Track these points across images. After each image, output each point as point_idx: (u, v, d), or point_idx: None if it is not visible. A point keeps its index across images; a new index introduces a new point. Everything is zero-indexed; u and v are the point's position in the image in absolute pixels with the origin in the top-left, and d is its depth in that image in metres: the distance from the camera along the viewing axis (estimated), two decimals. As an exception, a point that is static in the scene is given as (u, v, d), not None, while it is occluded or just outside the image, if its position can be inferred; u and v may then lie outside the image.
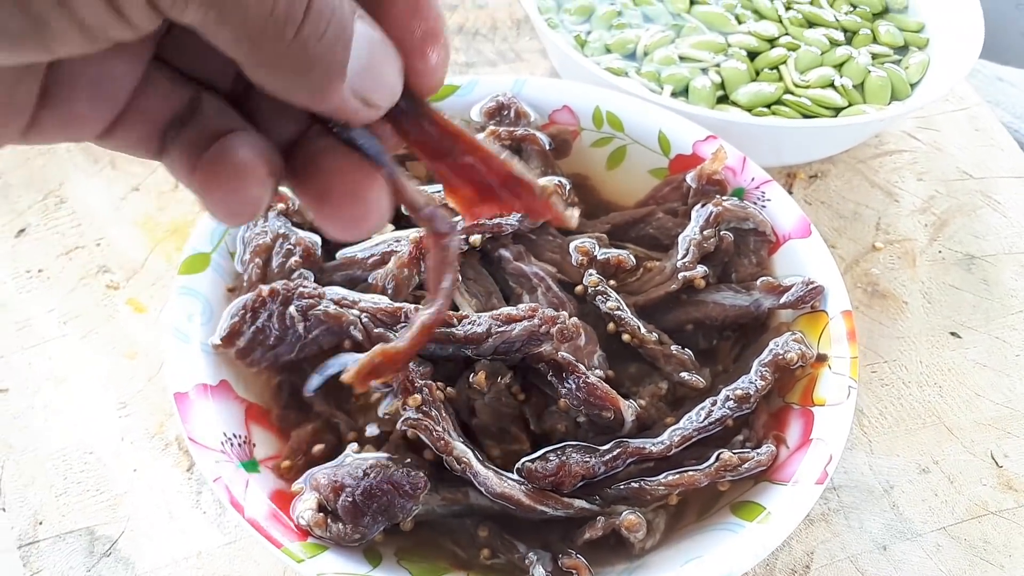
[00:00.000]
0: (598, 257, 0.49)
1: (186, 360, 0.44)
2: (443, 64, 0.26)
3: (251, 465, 0.41)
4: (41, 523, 0.49)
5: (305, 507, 0.38)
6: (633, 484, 0.41)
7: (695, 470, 0.41)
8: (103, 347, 0.57)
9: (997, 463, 0.54)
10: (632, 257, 0.50)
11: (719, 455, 0.42)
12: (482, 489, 0.39)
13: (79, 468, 0.52)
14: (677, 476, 0.41)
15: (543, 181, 0.51)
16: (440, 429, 0.39)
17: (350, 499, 0.37)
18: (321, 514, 0.38)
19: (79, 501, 0.50)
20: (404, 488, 0.38)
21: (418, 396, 0.40)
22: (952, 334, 0.61)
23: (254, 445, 0.43)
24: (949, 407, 0.57)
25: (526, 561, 0.38)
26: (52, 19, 0.19)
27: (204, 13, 0.20)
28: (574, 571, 0.38)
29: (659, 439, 0.42)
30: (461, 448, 0.39)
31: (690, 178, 0.54)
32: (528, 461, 0.41)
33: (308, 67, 0.22)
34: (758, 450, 0.42)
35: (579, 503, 0.40)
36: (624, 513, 0.39)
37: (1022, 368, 0.59)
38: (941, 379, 0.58)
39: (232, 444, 0.42)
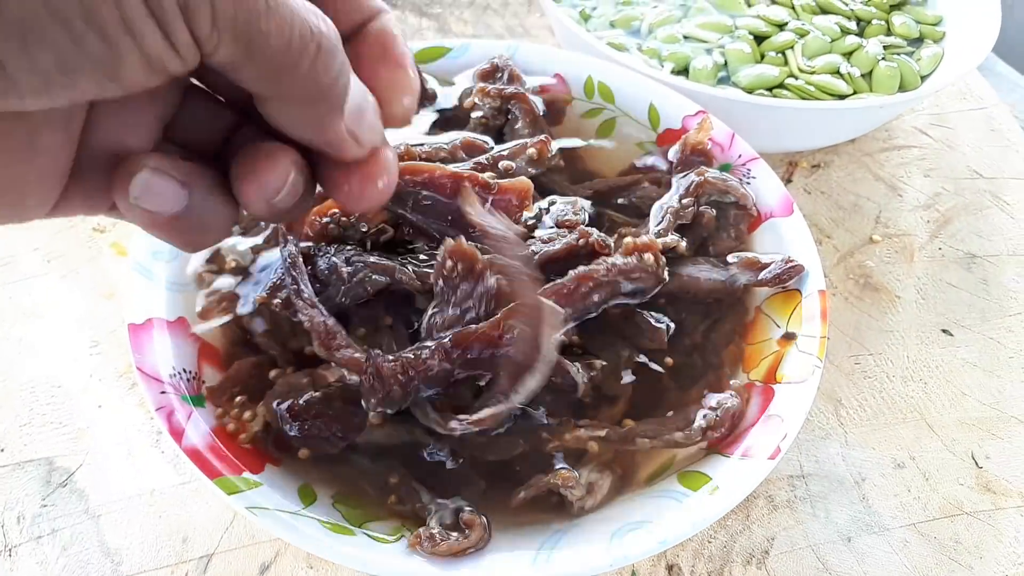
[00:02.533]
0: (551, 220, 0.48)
1: (145, 294, 0.44)
2: (409, 111, 0.31)
3: (196, 399, 0.41)
4: (2, 450, 0.50)
5: (253, 419, 0.40)
6: (599, 431, 0.40)
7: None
8: (83, 287, 0.58)
9: (977, 464, 0.52)
10: (585, 215, 0.49)
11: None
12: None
13: (45, 400, 0.52)
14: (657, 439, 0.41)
15: (530, 140, 0.51)
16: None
17: (286, 429, 0.38)
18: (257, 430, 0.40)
19: (42, 432, 0.51)
20: (334, 434, 0.38)
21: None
22: (944, 331, 0.59)
23: (203, 382, 0.43)
24: (933, 404, 0.55)
25: (426, 511, 0.38)
26: (123, 47, 0.21)
27: (234, 49, 0.23)
28: (468, 528, 0.37)
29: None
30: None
31: (673, 151, 0.53)
32: None
33: (315, 100, 0.26)
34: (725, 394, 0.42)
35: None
36: (558, 468, 0.39)
37: (1014, 370, 0.57)
38: (927, 375, 0.56)
39: (181, 378, 0.42)
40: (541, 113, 0.55)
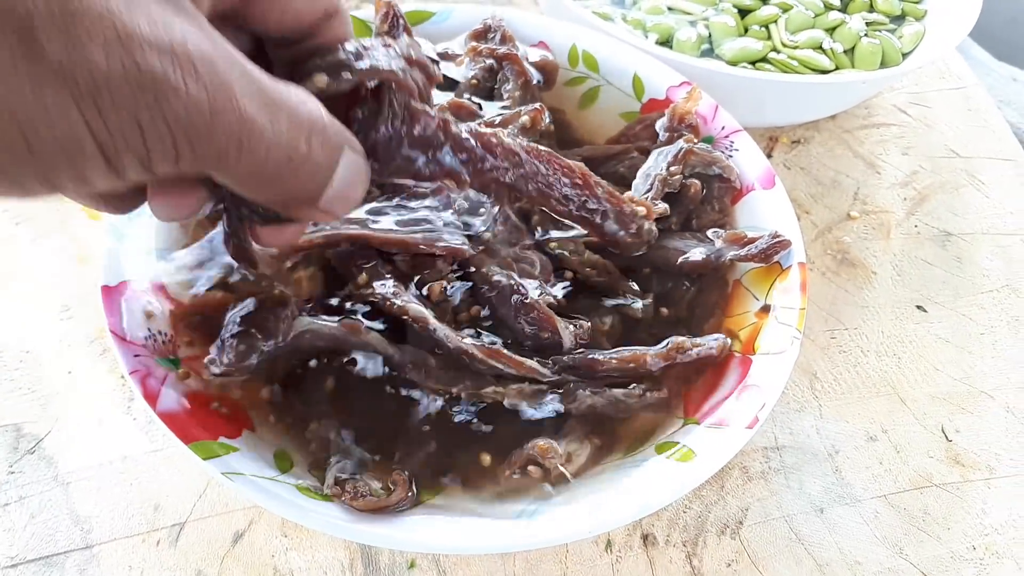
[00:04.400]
0: None
1: (118, 256, 0.43)
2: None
3: (172, 362, 0.40)
4: (-31, 416, 0.49)
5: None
6: (588, 355, 0.42)
7: (647, 349, 0.42)
8: (53, 250, 0.56)
9: (947, 437, 0.53)
10: None
11: (670, 340, 0.43)
12: (444, 342, 0.40)
13: (14, 366, 0.51)
14: (629, 353, 0.42)
15: (524, 108, 0.50)
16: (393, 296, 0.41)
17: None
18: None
19: (9, 398, 0.50)
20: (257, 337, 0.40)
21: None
22: (918, 307, 0.60)
23: (179, 345, 0.42)
24: (905, 378, 0.56)
25: (327, 462, 0.39)
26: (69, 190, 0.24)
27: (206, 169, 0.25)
28: (395, 486, 0.37)
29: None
30: (416, 309, 0.40)
31: (660, 123, 0.52)
32: None
33: (291, 203, 0.28)
34: (710, 337, 0.43)
35: (531, 363, 0.41)
36: (535, 440, 0.39)
37: (985, 347, 0.58)
38: (901, 350, 0.57)
39: (156, 341, 0.41)
40: (535, 81, 0.55)
